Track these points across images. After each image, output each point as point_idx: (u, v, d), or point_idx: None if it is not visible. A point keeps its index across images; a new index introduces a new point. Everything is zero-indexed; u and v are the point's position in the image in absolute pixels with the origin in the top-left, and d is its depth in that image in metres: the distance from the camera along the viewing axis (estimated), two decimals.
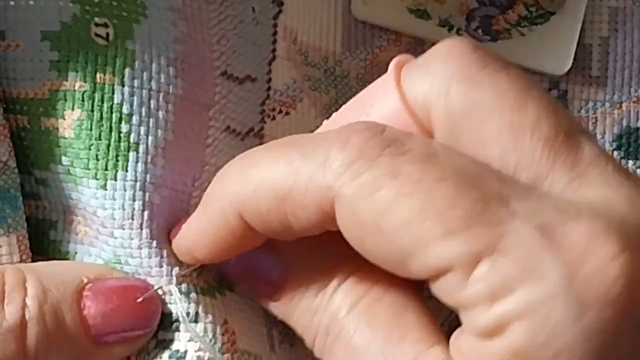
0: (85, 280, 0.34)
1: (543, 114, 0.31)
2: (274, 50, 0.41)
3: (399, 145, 0.30)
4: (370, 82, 0.44)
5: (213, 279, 0.37)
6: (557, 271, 0.28)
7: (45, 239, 0.37)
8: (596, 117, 0.44)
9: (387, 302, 0.33)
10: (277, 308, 0.35)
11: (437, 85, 0.31)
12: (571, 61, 0.43)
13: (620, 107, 0.44)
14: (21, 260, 0.35)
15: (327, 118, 0.42)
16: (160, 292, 0.35)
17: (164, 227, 0.36)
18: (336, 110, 0.43)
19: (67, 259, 0.37)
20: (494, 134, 0.31)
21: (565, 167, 0.30)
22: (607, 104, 0.44)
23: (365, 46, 0.44)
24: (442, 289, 0.29)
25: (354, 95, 0.44)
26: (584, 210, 0.29)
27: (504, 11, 0.44)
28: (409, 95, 0.32)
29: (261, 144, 0.40)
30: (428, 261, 0.29)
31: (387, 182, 0.29)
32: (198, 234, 0.34)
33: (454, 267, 0.29)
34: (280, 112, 0.41)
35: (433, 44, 0.44)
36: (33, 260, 0.36)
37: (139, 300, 0.34)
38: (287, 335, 0.39)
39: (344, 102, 0.44)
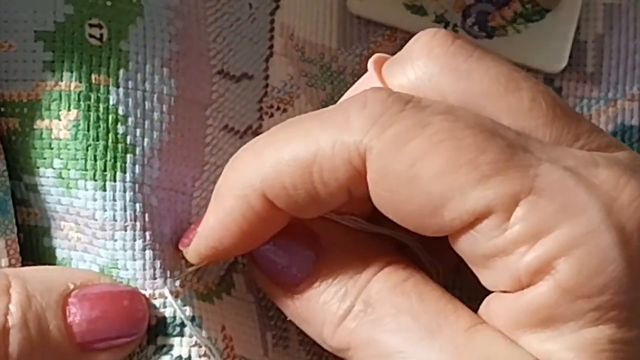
0: (72, 287, 0.34)
1: (537, 92, 0.31)
2: (271, 46, 0.41)
3: (417, 101, 0.31)
4: None
5: (212, 282, 0.36)
6: (595, 205, 0.29)
7: (39, 246, 0.36)
8: (590, 115, 0.44)
9: (432, 285, 0.32)
10: (293, 301, 0.34)
11: (426, 78, 0.32)
12: (567, 59, 0.43)
13: (615, 104, 0.44)
14: (9, 265, 0.35)
15: None
16: (159, 296, 0.35)
17: (163, 230, 0.35)
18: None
19: (64, 266, 0.36)
20: (494, 118, 0.31)
21: (568, 141, 0.31)
22: (602, 102, 0.44)
23: (361, 41, 0.44)
24: (477, 238, 0.30)
25: None
26: (599, 159, 0.30)
27: (499, 7, 0.44)
28: (394, 89, 0.32)
29: None
30: (466, 207, 0.29)
31: (418, 132, 0.30)
32: (220, 226, 0.33)
33: (493, 210, 0.29)
34: (278, 109, 0.41)
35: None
36: (26, 266, 0.35)
37: (125, 304, 0.34)
38: (280, 338, 0.39)
39: (340, 98, 0.43)
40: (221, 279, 0.37)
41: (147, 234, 0.35)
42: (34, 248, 0.36)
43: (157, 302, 0.35)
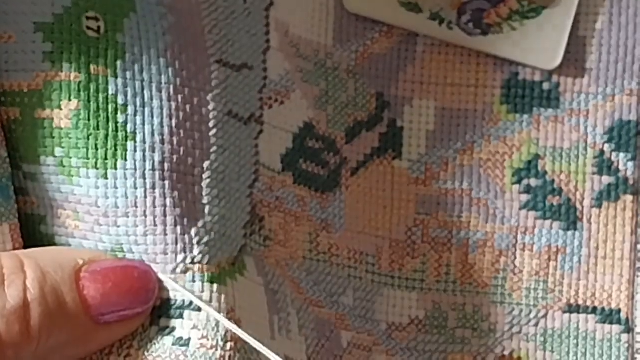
0: (81, 262, 0.35)
1: None
2: (267, 40, 0.41)
3: None
4: (360, 74, 0.44)
5: (227, 262, 0.37)
6: None
7: (37, 234, 0.37)
8: (588, 110, 0.44)
9: None
10: None
11: None
12: (562, 56, 0.43)
13: (613, 99, 0.44)
14: (14, 249, 0.36)
15: (318, 109, 0.43)
16: (163, 278, 0.36)
17: (171, 211, 0.36)
18: (327, 102, 0.44)
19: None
20: None
21: None
22: (600, 97, 0.44)
23: (357, 38, 0.44)
24: None
25: (344, 87, 0.44)
26: None
27: (495, 5, 0.44)
28: None
29: (262, 131, 0.40)
30: None
31: None
32: None
33: None
34: (276, 101, 0.41)
35: (425, 37, 0.45)
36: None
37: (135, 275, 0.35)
38: (285, 322, 0.40)
39: (334, 94, 0.44)
40: (235, 259, 0.38)
41: (149, 219, 0.36)
42: (31, 236, 0.37)
43: (160, 285, 0.36)
